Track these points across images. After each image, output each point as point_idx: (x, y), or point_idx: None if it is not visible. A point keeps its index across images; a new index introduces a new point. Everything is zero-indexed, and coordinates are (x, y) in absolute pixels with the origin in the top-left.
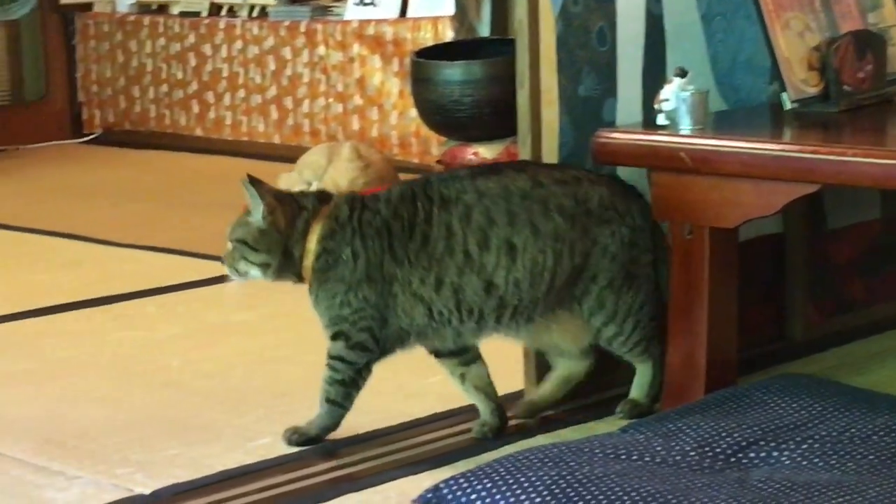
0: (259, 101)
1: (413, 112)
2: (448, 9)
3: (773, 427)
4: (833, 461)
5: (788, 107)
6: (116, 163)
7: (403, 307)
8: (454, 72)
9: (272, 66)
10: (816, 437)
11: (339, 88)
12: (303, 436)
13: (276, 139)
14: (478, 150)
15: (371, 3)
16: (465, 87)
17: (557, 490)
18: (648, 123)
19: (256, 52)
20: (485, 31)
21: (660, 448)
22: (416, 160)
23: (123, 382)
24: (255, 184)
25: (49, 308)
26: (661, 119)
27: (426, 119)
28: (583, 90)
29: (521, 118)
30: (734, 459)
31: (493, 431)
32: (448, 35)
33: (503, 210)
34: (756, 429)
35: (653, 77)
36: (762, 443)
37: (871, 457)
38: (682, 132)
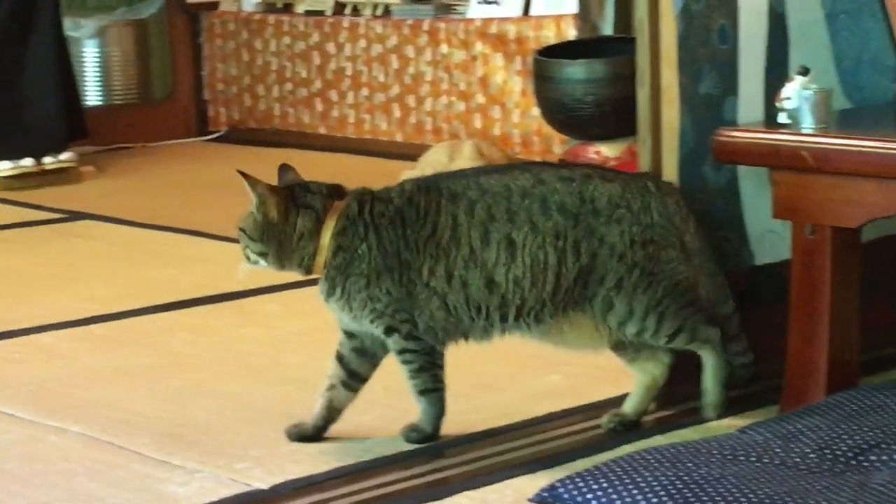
0: (382, 100)
1: (535, 110)
2: (571, 7)
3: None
4: None
5: None
6: (241, 160)
7: (422, 301)
8: (576, 70)
9: (395, 65)
10: None
11: (462, 87)
12: (421, 433)
13: (399, 137)
14: (599, 149)
15: (494, 2)
16: (588, 86)
17: (674, 491)
18: (770, 122)
19: (380, 51)
20: (608, 30)
21: (779, 450)
22: (538, 159)
23: (244, 378)
24: (280, 172)
25: (172, 304)
26: (783, 118)
27: (548, 117)
28: (703, 88)
29: (641, 117)
30: (854, 462)
31: (300, 437)
32: (571, 33)
33: (503, 207)
34: (878, 431)
35: (775, 75)
36: (883, 446)
37: None
38: (804, 131)
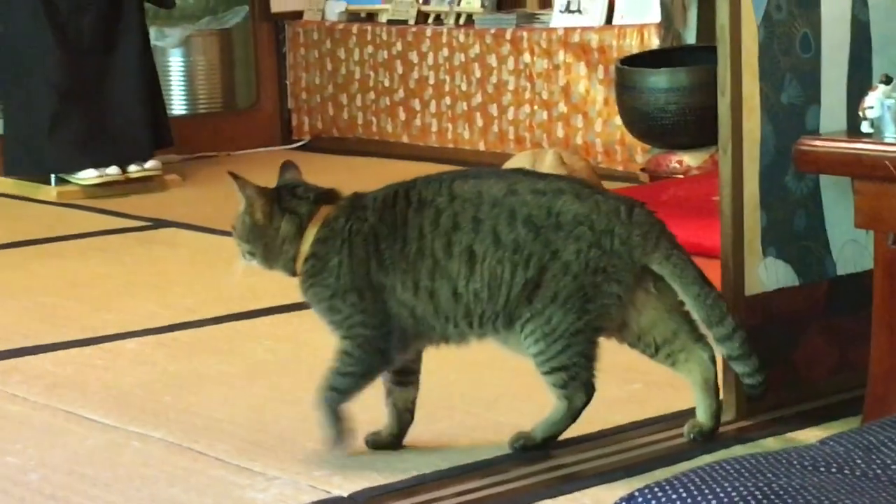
0: (465, 109)
1: (618, 119)
2: (654, 16)
3: None
4: None
5: None
6: (324, 169)
7: (393, 312)
8: (659, 79)
9: (478, 74)
10: None
11: (545, 96)
12: (333, 391)
13: (481, 146)
14: (682, 158)
15: (577, 11)
16: (670, 95)
17: (753, 501)
18: (852, 131)
19: (462, 60)
20: (691, 39)
21: (860, 461)
22: (621, 168)
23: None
24: (281, 170)
25: (254, 311)
26: (866, 127)
27: (630, 127)
28: (785, 97)
29: (723, 126)
30: None
31: (378, 445)
32: (654, 42)
33: (470, 215)
34: None
35: (858, 84)
36: None
37: None
38: (887, 140)
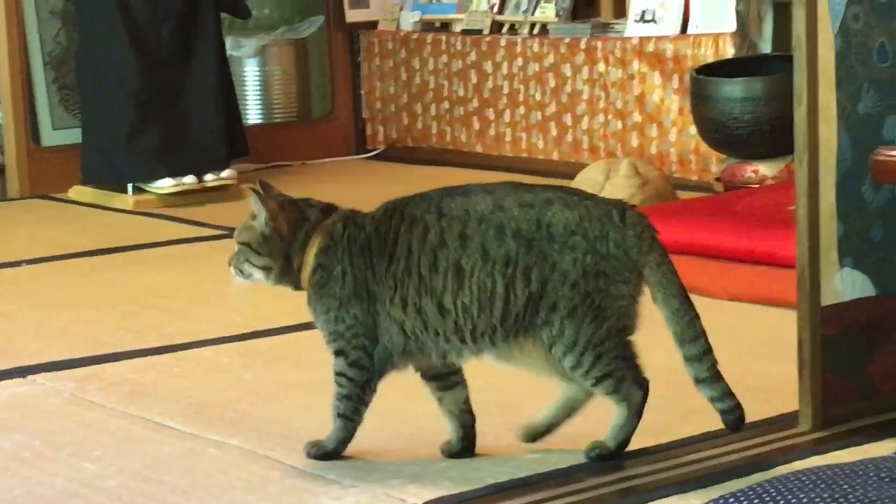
0: (539, 118)
1: (692, 129)
2: (729, 25)
3: None
4: None
5: None
6: (399, 178)
7: (384, 325)
8: (734, 89)
9: (552, 83)
10: None
11: (619, 105)
12: (321, 449)
13: (555, 156)
14: (757, 168)
15: (651, 20)
16: (745, 105)
17: None
18: None
19: (536, 69)
20: (766, 48)
21: None
22: (695, 178)
23: (400, 395)
24: (262, 190)
25: None
26: None
27: (705, 136)
28: (862, 107)
29: (799, 135)
30: None
31: (452, 454)
32: (729, 52)
33: (457, 232)
34: None
35: None
36: None
37: None
38: None
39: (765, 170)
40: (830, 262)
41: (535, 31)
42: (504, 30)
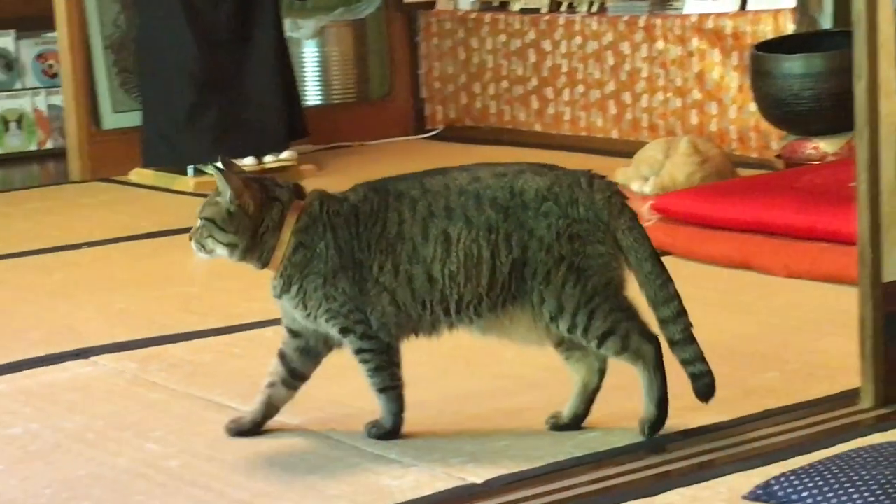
0: (598, 97)
1: (752, 106)
2: (789, 1)
3: None
4: None
5: None
6: (457, 158)
7: (373, 298)
8: (794, 65)
9: (611, 62)
10: None
11: (678, 83)
12: (381, 429)
13: (615, 134)
14: (818, 144)
15: None
16: (806, 81)
17: (892, 490)
18: None
19: (595, 47)
20: (826, 24)
21: None
22: (755, 155)
23: (460, 374)
24: (225, 168)
25: None
26: None
27: (766, 113)
28: None
29: (859, 111)
30: None
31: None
32: (789, 27)
33: (442, 204)
34: None
35: None
36: None
37: None
38: None
39: (825, 146)
40: (892, 238)
41: (594, 9)
42: (562, 8)
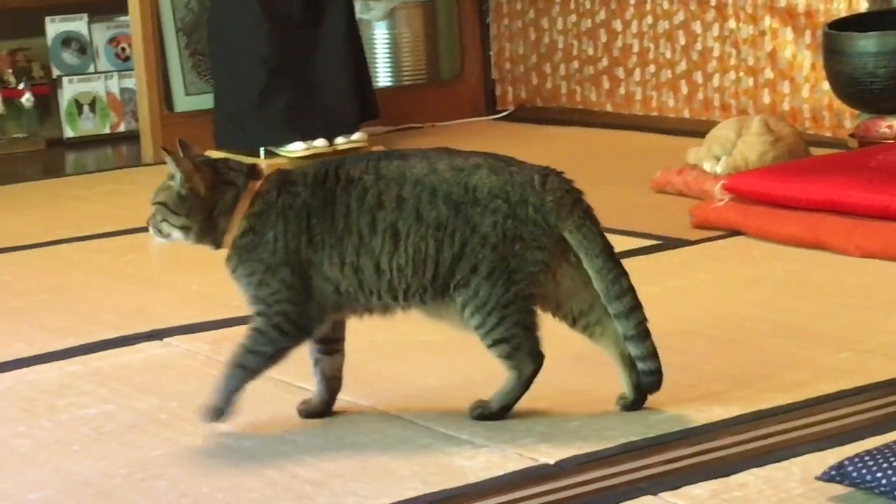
0: (669, 76)
1: (825, 85)
2: None
3: None
4: None
5: None
6: (527, 139)
7: (317, 287)
8: (868, 43)
9: (682, 41)
10: None
11: (750, 62)
12: (207, 409)
13: (686, 114)
14: (892, 123)
15: None
16: (880, 59)
17: None
18: None
19: (666, 27)
20: None
21: None
22: (829, 134)
23: None
24: (181, 149)
25: None
26: None
27: (839, 92)
28: None
29: None
30: None
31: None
32: (862, 5)
33: (394, 194)
34: None
35: None
36: None
37: None
38: None
39: None
40: None
41: None
42: None
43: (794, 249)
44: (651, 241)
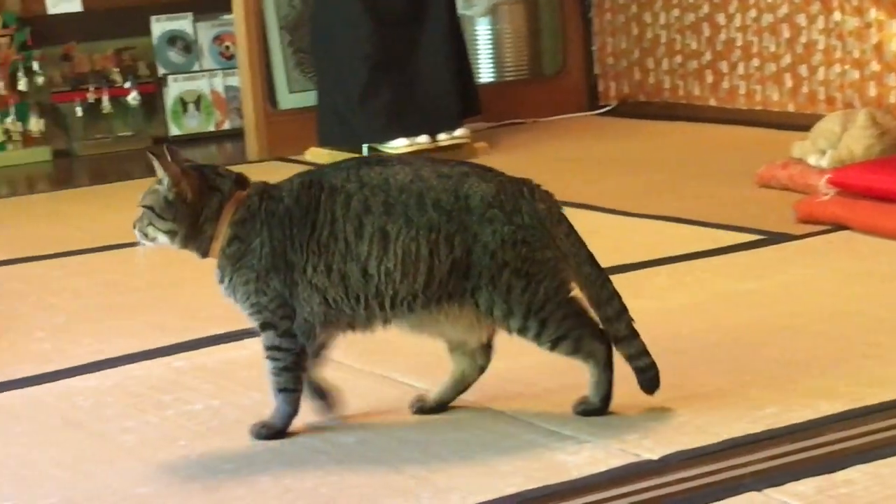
0: (773, 70)
1: None
2: None
3: None
4: None
5: None
6: (631, 134)
7: (303, 296)
8: None
9: (786, 34)
10: None
11: (856, 55)
12: (271, 429)
13: (791, 108)
14: None
15: None
16: None
17: None
18: None
19: (770, 20)
20: None
21: None
22: None
23: None
24: (168, 154)
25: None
26: None
27: None
28: None
29: None
30: None
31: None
32: None
33: (381, 200)
34: None
35: None
36: None
37: None
38: None
39: None
40: None
41: None
42: None
43: None
44: (755, 236)
